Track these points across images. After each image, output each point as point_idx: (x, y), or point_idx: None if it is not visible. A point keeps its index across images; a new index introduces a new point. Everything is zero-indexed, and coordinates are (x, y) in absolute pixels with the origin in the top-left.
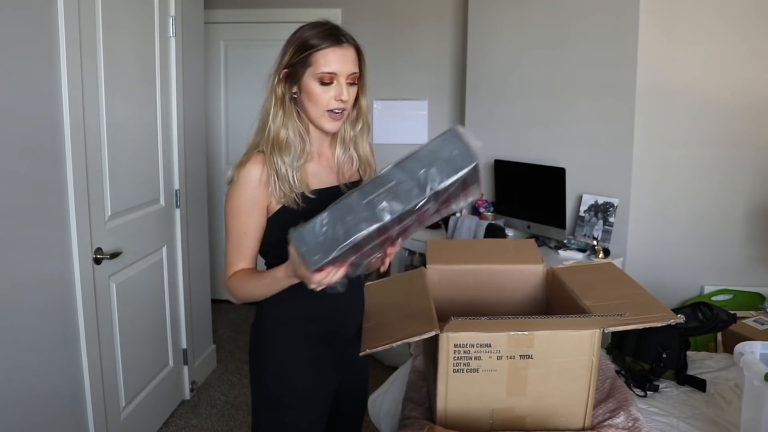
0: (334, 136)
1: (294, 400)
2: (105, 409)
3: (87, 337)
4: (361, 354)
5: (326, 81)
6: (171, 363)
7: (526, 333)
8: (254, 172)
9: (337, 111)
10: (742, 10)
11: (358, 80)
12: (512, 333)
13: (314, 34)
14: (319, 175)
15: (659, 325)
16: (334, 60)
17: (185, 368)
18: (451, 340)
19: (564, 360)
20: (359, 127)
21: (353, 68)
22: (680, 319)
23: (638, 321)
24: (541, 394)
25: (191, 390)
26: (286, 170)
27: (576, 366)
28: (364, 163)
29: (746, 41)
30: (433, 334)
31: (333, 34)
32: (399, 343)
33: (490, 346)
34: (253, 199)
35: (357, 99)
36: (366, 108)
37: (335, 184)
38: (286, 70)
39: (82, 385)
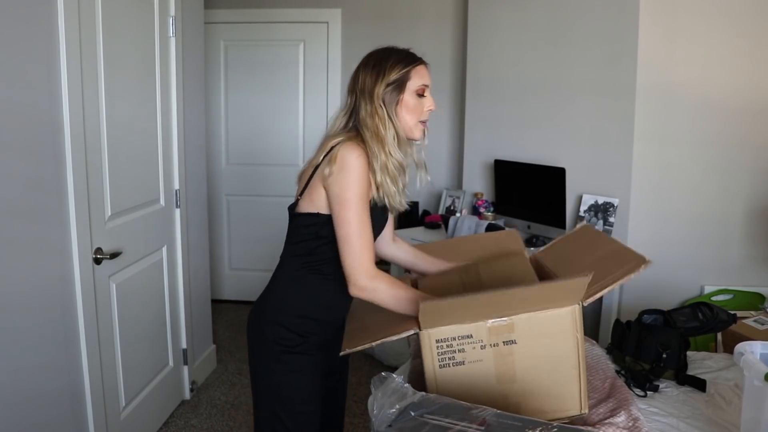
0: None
1: (295, 407)
2: (105, 409)
3: (87, 337)
4: (341, 354)
5: (421, 93)
6: (171, 363)
7: (505, 320)
8: (364, 161)
9: (425, 120)
10: (742, 10)
11: None
12: (491, 322)
13: (404, 56)
14: None
15: (632, 276)
16: (426, 75)
17: (185, 368)
18: (432, 336)
19: (548, 342)
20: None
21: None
22: (649, 262)
23: (610, 281)
24: (532, 378)
25: (191, 390)
26: (399, 170)
27: (562, 346)
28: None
29: (746, 40)
30: (412, 332)
31: (415, 54)
32: (378, 342)
33: (471, 336)
34: (366, 187)
35: None
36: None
37: None
38: (391, 85)
39: (82, 385)
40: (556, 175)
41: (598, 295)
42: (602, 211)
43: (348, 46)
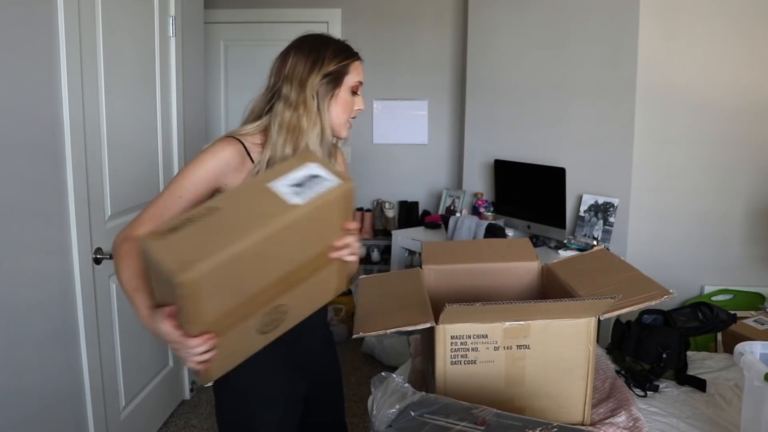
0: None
1: (255, 404)
2: (105, 409)
3: (87, 337)
4: (353, 336)
5: (356, 90)
6: (171, 363)
7: (521, 323)
8: (226, 151)
9: (353, 119)
10: (741, 10)
11: None
12: (508, 324)
13: (341, 48)
14: None
15: (653, 303)
16: (362, 71)
17: (185, 368)
18: (447, 331)
19: (560, 350)
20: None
21: None
22: (673, 293)
23: (632, 303)
24: (540, 384)
25: (191, 390)
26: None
27: (573, 356)
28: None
29: (746, 41)
30: (428, 325)
31: (352, 47)
32: (393, 330)
33: (486, 336)
34: (209, 173)
35: None
36: None
37: None
38: (328, 77)
39: (82, 385)
40: (556, 175)
41: (616, 313)
42: (602, 211)
43: None
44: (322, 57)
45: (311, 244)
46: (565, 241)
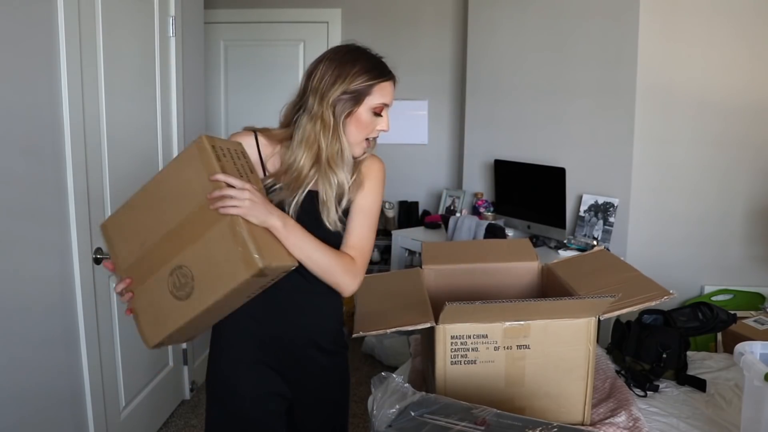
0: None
1: (232, 401)
2: (105, 409)
3: (87, 337)
4: (354, 335)
5: (378, 112)
6: (171, 363)
7: (521, 323)
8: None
9: (372, 139)
10: (742, 10)
11: None
12: (508, 324)
13: (371, 66)
14: None
15: (654, 304)
16: (389, 93)
17: (185, 368)
18: (447, 331)
19: (561, 350)
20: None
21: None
22: (674, 294)
23: (632, 303)
24: (540, 384)
25: (191, 390)
26: (337, 187)
27: (573, 355)
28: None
29: (746, 41)
30: (428, 325)
31: (386, 67)
32: (394, 330)
33: (486, 336)
34: None
35: None
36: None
37: None
38: (339, 96)
39: (82, 385)
40: (556, 175)
41: (616, 313)
42: (602, 211)
43: None
44: (347, 73)
45: (185, 198)
46: (565, 241)
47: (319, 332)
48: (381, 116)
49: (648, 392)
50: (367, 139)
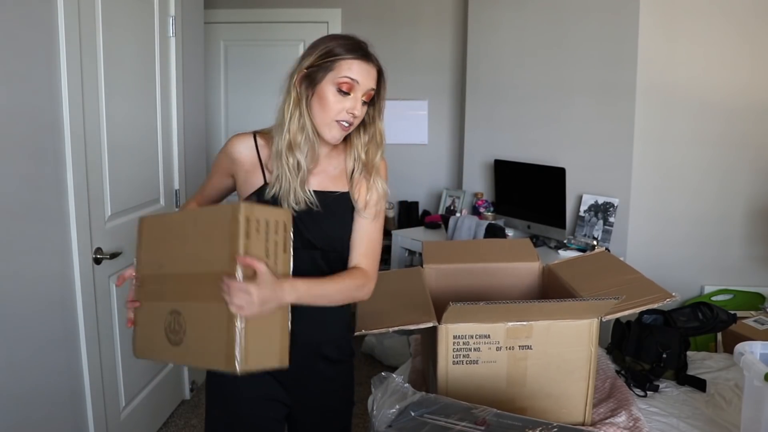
0: (337, 148)
1: (232, 405)
2: (105, 409)
3: (87, 337)
4: (356, 334)
5: (344, 89)
6: (171, 363)
7: (524, 323)
8: (231, 143)
9: (345, 123)
10: (742, 10)
11: (375, 102)
12: (510, 324)
13: (344, 44)
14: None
15: (656, 305)
16: (358, 71)
17: (185, 368)
18: (450, 331)
19: (563, 351)
20: (379, 155)
21: (373, 84)
22: (675, 297)
23: (634, 305)
24: (541, 385)
25: (191, 390)
26: (297, 171)
27: (575, 357)
28: (370, 189)
29: (746, 41)
30: (431, 324)
31: (362, 49)
32: (396, 329)
33: (489, 337)
34: (220, 163)
35: (374, 123)
36: (384, 134)
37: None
38: (305, 71)
39: (82, 385)
40: (556, 175)
41: (618, 315)
42: (602, 211)
43: None
44: (316, 48)
45: (206, 255)
46: (565, 241)
47: (325, 342)
48: (348, 95)
49: (648, 392)
50: (341, 122)
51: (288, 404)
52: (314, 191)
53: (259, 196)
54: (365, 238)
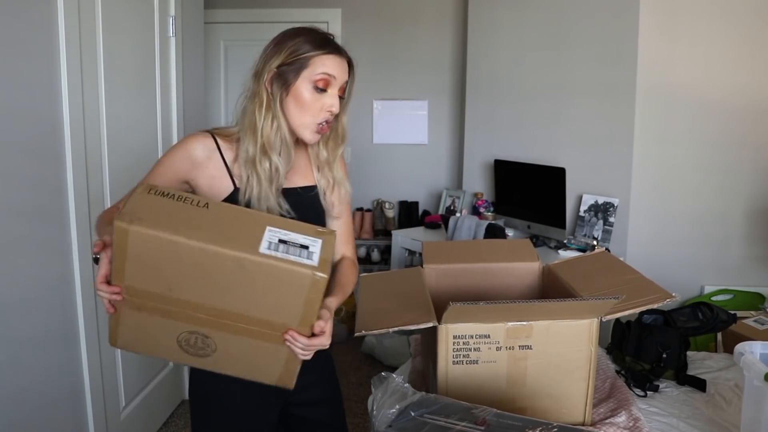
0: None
1: (212, 406)
2: (105, 409)
3: (87, 337)
4: (356, 334)
5: (321, 86)
6: (171, 363)
7: (524, 323)
8: (190, 144)
9: (324, 123)
10: (742, 10)
11: (344, 95)
12: (510, 324)
13: (313, 39)
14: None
15: (656, 305)
16: (332, 65)
17: (185, 368)
18: (450, 331)
19: (563, 350)
20: (340, 150)
21: (346, 77)
22: (676, 297)
23: (634, 305)
24: (541, 385)
25: None
26: (273, 175)
27: (575, 356)
28: (338, 185)
29: (746, 41)
30: (431, 324)
31: (332, 42)
32: (396, 329)
33: (488, 336)
34: (175, 166)
35: (339, 118)
36: (347, 128)
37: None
38: (275, 70)
39: (82, 385)
40: (556, 175)
41: (618, 315)
42: (602, 211)
43: (348, 46)
44: (285, 46)
45: (258, 303)
46: (565, 241)
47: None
48: (326, 91)
49: (648, 392)
50: (320, 124)
51: (280, 402)
52: (284, 189)
53: (230, 202)
54: (341, 228)
